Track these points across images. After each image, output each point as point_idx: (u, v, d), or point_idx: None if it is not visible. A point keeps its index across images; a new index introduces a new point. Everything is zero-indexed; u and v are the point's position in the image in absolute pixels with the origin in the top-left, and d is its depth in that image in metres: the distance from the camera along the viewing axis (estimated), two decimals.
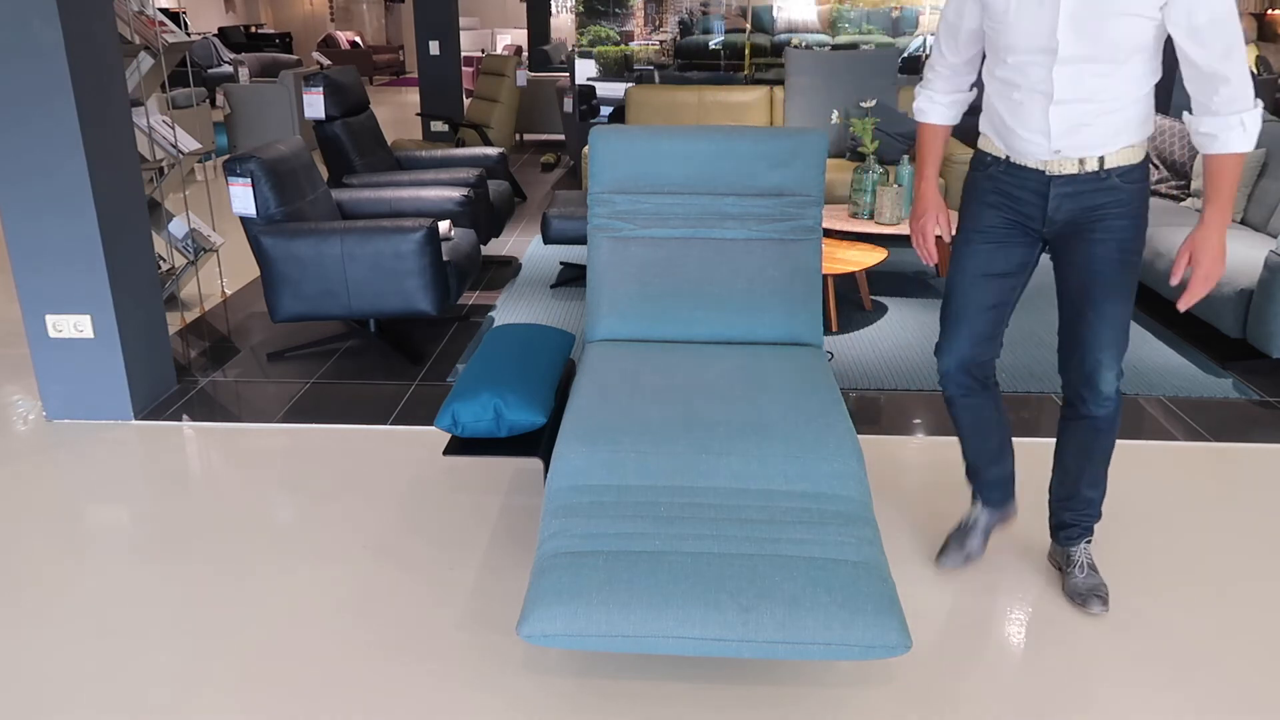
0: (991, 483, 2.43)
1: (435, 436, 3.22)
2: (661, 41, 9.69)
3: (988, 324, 2.24)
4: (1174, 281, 2.06)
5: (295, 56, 15.27)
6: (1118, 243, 2.06)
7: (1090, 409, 2.20)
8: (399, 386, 3.64)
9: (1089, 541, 2.38)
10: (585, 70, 9.54)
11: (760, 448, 2.16)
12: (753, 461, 2.14)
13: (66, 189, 3.09)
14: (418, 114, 8.60)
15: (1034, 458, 3.04)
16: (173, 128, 4.47)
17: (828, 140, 2.82)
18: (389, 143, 5.55)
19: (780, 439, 2.18)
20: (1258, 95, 1.91)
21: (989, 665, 2.13)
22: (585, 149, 5.98)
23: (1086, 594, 2.31)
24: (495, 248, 5.70)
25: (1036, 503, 2.73)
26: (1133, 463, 3.08)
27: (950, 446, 3.10)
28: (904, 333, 4.25)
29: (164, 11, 5.28)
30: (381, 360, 3.90)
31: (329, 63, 13.58)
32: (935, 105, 2.28)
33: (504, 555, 2.54)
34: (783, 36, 9.50)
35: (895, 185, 4.69)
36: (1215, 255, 1.99)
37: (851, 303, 4.64)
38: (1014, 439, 2.44)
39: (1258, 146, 4.61)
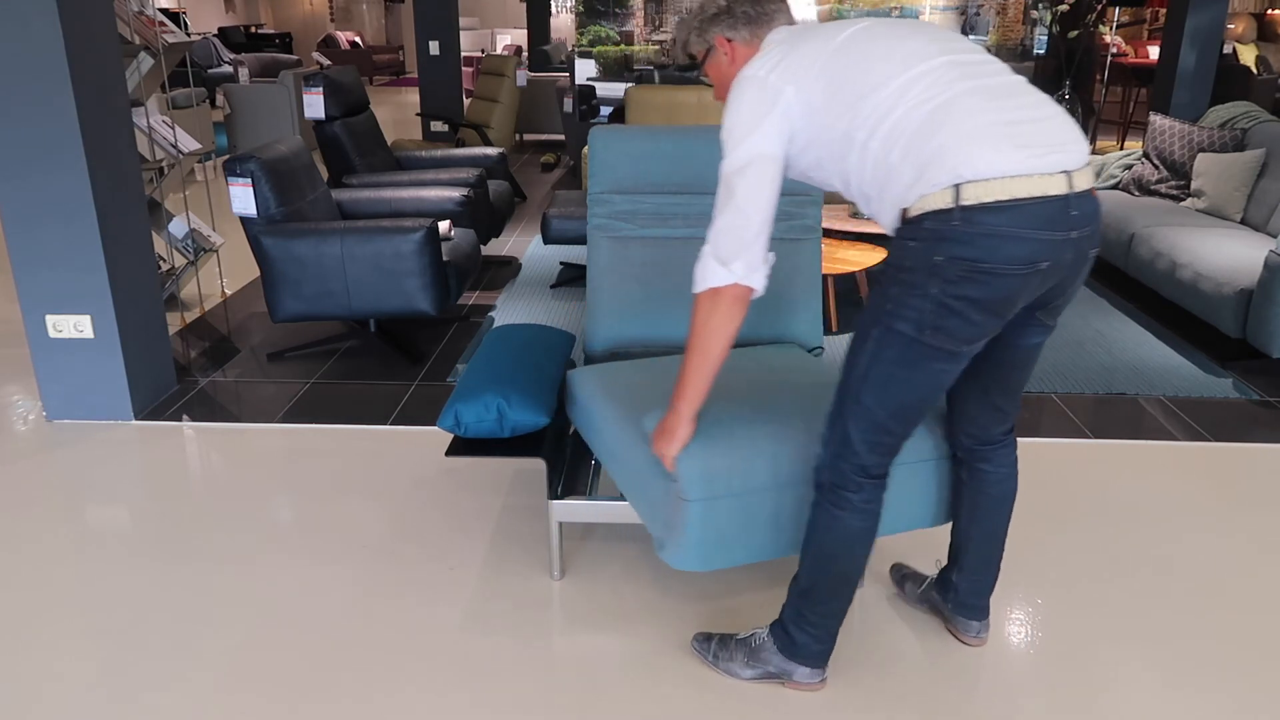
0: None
1: (436, 436, 3.21)
2: (661, 42, 9.69)
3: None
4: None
5: (295, 56, 15.26)
6: (870, 295, 1.77)
7: None
8: (399, 386, 3.64)
9: (771, 634, 2.02)
10: (585, 70, 9.55)
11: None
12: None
13: (66, 189, 3.09)
14: (418, 114, 8.60)
15: (1027, 458, 3.04)
16: (173, 128, 4.47)
17: None
18: (389, 143, 5.55)
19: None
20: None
21: (987, 666, 2.13)
22: (585, 149, 5.97)
23: (715, 633, 2.10)
24: (495, 248, 5.70)
25: (1032, 501, 2.73)
26: (1133, 463, 3.08)
27: None
28: None
29: (164, 11, 5.28)
30: (381, 360, 3.90)
31: (329, 63, 13.57)
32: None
33: (505, 555, 2.54)
34: None
35: None
36: (659, 429, 1.92)
37: (851, 303, 4.64)
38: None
39: (1258, 146, 4.61)
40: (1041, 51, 9.34)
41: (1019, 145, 1.56)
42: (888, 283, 1.68)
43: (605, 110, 8.24)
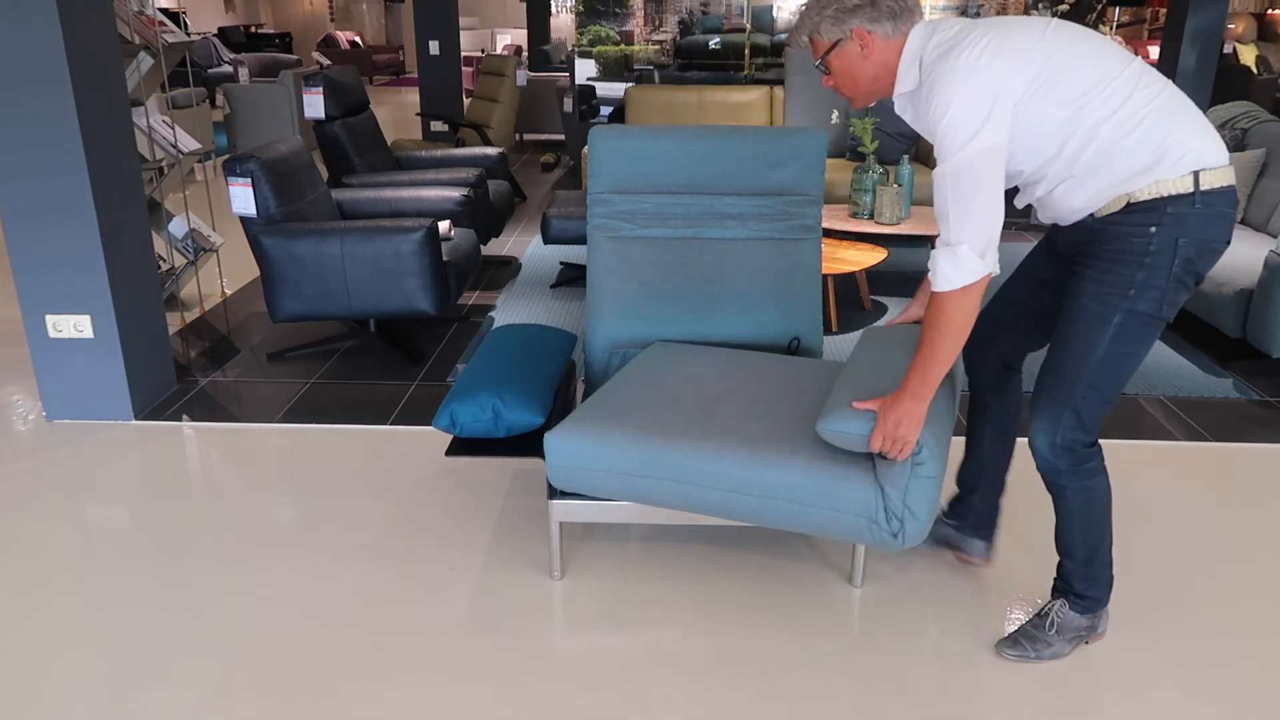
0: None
1: (435, 436, 3.22)
2: (661, 42, 9.69)
3: (1007, 315, 2.18)
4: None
5: (295, 56, 15.26)
6: (1090, 285, 1.86)
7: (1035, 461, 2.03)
8: (399, 386, 3.64)
9: (1065, 604, 2.13)
10: (585, 70, 9.54)
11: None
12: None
13: (66, 189, 3.09)
14: (418, 114, 8.60)
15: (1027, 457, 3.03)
16: (173, 128, 4.46)
17: (827, 140, 2.82)
18: (389, 143, 5.55)
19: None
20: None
21: (988, 664, 2.13)
22: (585, 149, 5.97)
23: (1015, 633, 2.18)
24: (495, 248, 5.70)
25: (1032, 501, 2.72)
26: (1133, 463, 3.07)
27: (955, 446, 3.10)
28: None
29: (164, 11, 5.28)
30: (381, 360, 3.90)
31: (329, 63, 13.57)
32: None
33: (505, 555, 2.54)
34: (783, 36, 9.50)
35: (895, 185, 4.69)
36: (897, 419, 1.89)
37: (851, 303, 4.64)
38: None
39: (1258, 146, 4.61)
40: None
41: (1219, 137, 1.81)
42: (1128, 268, 1.81)
43: (605, 110, 8.23)
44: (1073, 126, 1.78)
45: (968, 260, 1.78)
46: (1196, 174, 1.75)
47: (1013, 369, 2.26)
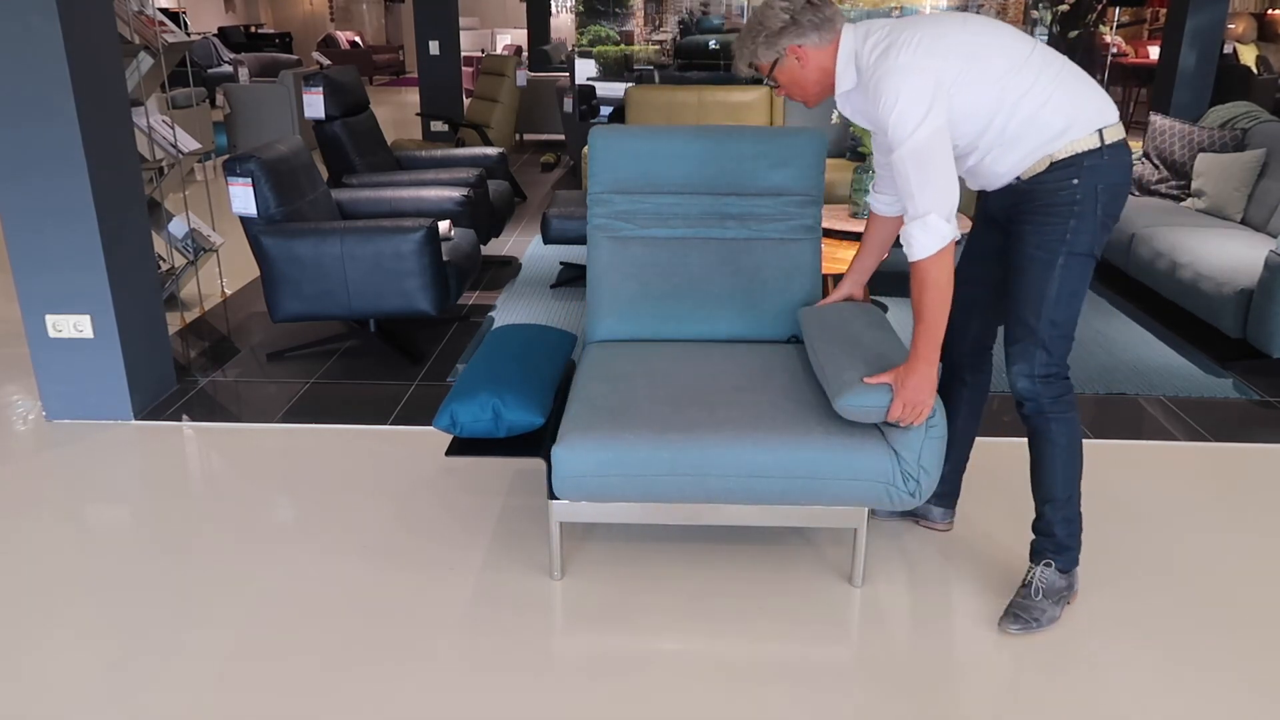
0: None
1: (435, 436, 3.22)
2: (661, 42, 9.68)
3: (974, 295, 2.34)
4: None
5: (295, 56, 15.26)
6: (1031, 237, 2.09)
7: (1018, 404, 2.20)
8: (399, 386, 3.64)
9: (1047, 565, 2.25)
10: (585, 70, 9.54)
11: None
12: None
13: (66, 189, 3.09)
14: (418, 114, 8.60)
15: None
16: (172, 128, 4.47)
17: (827, 140, 2.82)
18: (389, 143, 5.55)
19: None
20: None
21: (989, 664, 2.13)
22: (585, 149, 5.97)
23: (1008, 609, 2.25)
24: (495, 248, 5.70)
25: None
26: (1133, 463, 3.08)
27: None
28: (904, 332, 4.25)
29: (164, 11, 5.28)
30: (381, 360, 3.90)
31: (329, 63, 13.57)
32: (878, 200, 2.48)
33: (505, 555, 2.54)
34: None
35: None
36: (916, 384, 2.09)
37: None
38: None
39: (1258, 146, 4.61)
40: None
41: (1111, 100, 2.08)
42: (1062, 218, 2.04)
43: (605, 110, 8.23)
44: (998, 104, 2.02)
45: (937, 226, 1.99)
46: (1100, 131, 2.02)
47: (987, 347, 2.43)
